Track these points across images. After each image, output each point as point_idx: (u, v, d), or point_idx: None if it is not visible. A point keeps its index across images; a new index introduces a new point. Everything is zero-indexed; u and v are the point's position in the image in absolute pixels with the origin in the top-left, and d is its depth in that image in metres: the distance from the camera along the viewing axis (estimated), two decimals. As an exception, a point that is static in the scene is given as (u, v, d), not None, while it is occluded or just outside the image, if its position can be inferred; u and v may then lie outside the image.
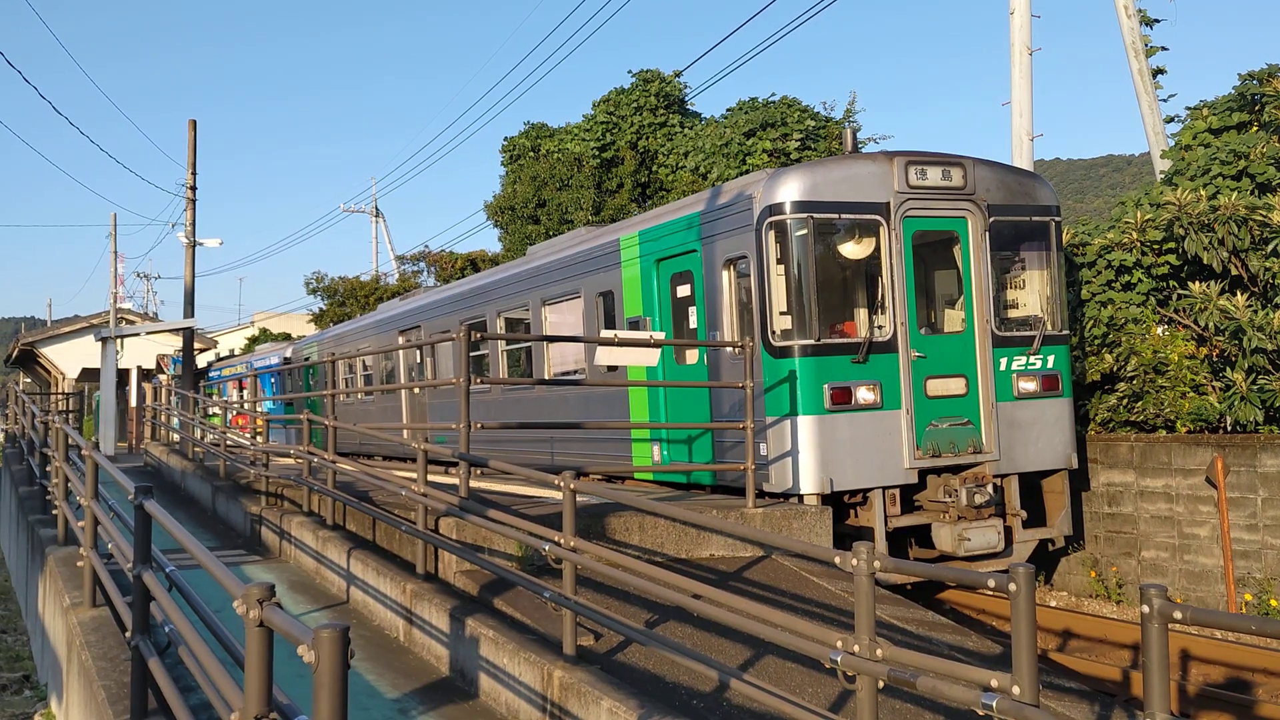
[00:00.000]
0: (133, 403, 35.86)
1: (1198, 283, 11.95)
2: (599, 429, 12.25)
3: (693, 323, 11.01)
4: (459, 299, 16.64)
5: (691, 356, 11.14)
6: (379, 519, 9.20)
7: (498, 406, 14.96)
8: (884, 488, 9.70)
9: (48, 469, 12.01)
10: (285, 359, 27.04)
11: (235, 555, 11.25)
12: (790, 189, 9.72)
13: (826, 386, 9.48)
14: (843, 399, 9.54)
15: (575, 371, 13.54)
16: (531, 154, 28.81)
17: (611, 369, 11.65)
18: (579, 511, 6.88)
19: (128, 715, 5.27)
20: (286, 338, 40.82)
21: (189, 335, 27.73)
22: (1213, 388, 11.80)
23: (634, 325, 11.64)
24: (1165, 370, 11.92)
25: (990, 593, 10.29)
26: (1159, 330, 12.56)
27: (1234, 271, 12.11)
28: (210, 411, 21.67)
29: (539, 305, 13.91)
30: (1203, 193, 12.19)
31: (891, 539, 9.76)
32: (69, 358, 43.07)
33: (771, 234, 9.74)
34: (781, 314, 9.75)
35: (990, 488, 9.92)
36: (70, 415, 32.27)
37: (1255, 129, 13.66)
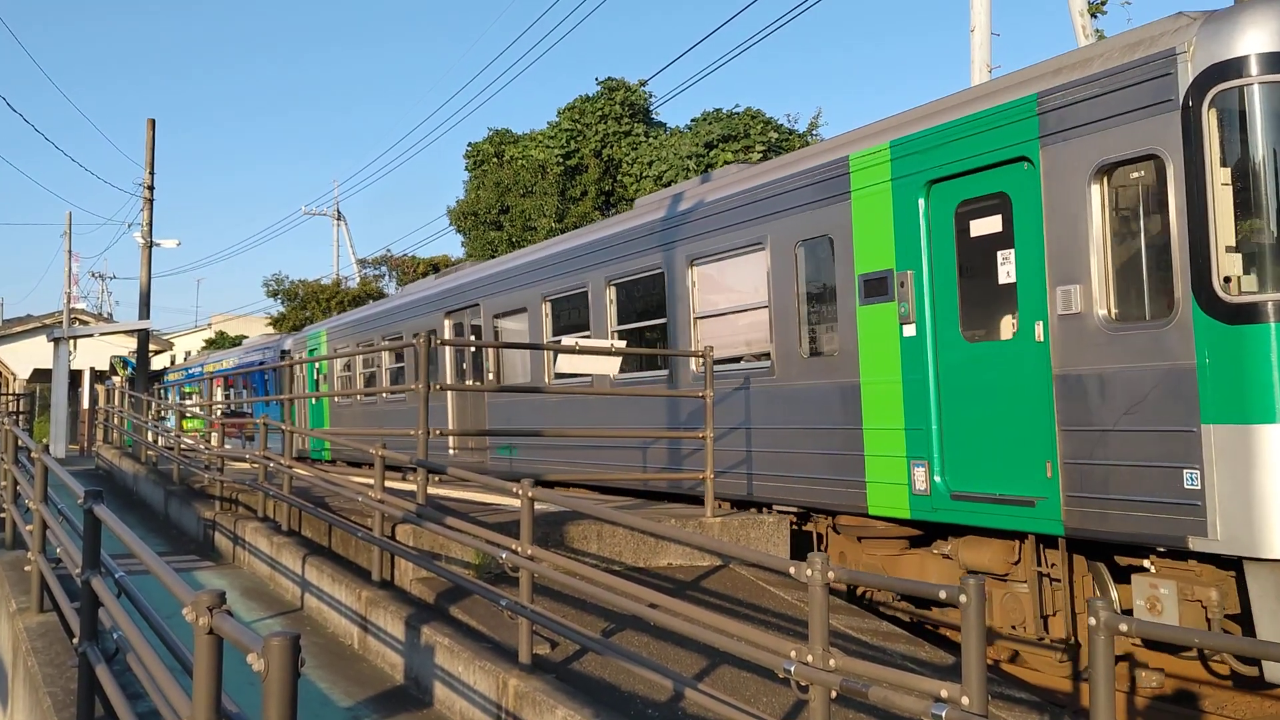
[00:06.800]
0: (85, 405, 35.32)
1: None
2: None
3: (1005, 276, 7.41)
4: (540, 266, 12.85)
5: (1005, 330, 7.57)
6: (335, 525, 9.12)
7: (598, 407, 11.71)
8: None
9: (-4, 471, 11.78)
10: (283, 352, 24.31)
11: (187, 561, 11.10)
12: (1257, 35, 6.11)
13: None
14: None
15: (742, 358, 10.02)
16: (495, 160, 28.77)
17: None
18: (538, 519, 6.87)
19: (73, 723, 5.19)
20: (237, 343, 40.36)
21: (144, 337, 27.36)
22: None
23: (876, 283, 8.30)
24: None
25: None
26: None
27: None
28: (187, 413, 20.22)
29: (683, 266, 10.42)
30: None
31: None
32: (20, 358, 42.34)
33: (1215, 114, 6.15)
34: (1229, 250, 6.15)
35: None
36: (20, 417, 31.68)
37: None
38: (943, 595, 3.64)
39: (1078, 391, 6.83)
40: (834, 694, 3.96)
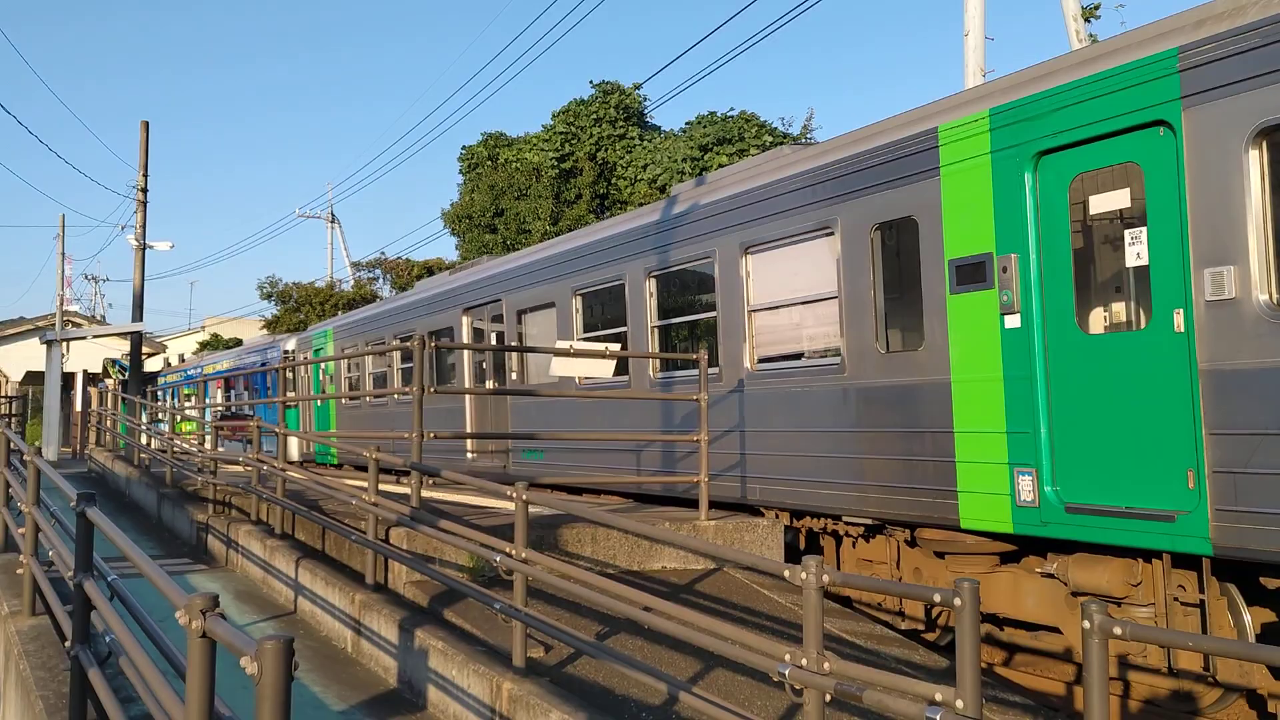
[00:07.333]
0: (78, 407, 35.25)
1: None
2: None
3: (1135, 258, 6.40)
4: (571, 258, 11.98)
5: (1135, 319, 6.74)
6: (329, 528, 9.11)
7: (634, 408, 10.84)
8: None
9: (-12, 474, 11.74)
10: (286, 352, 23.72)
11: (180, 564, 11.07)
12: None
13: None
14: None
15: (804, 354, 9.18)
16: (489, 163, 28.77)
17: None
18: (532, 522, 6.86)
19: (65, 727, 5.17)
20: (238, 343, 40.34)
21: (137, 339, 27.30)
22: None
23: (971, 269, 7.32)
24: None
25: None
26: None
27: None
28: (183, 415, 20.03)
29: (736, 254, 9.53)
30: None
31: None
32: (13, 360, 42.22)
33: None
34: None
35: None
36: (13, 419, 31.59)
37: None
38: (937, 599, 3.64)
39: (1231, 389, 5.78)
40: (828, 697, 3.96)
